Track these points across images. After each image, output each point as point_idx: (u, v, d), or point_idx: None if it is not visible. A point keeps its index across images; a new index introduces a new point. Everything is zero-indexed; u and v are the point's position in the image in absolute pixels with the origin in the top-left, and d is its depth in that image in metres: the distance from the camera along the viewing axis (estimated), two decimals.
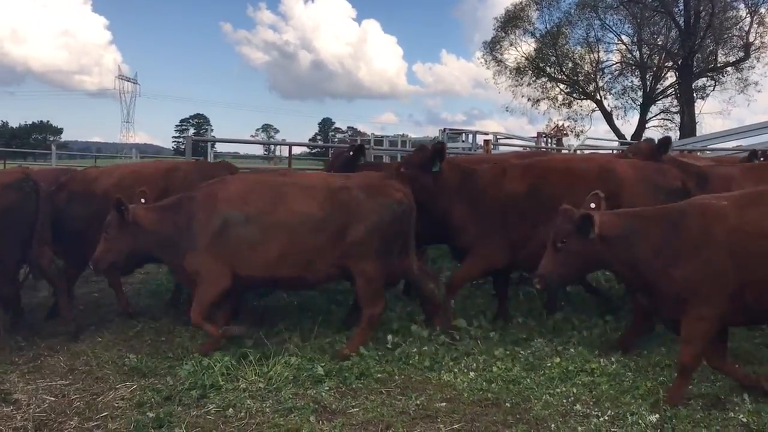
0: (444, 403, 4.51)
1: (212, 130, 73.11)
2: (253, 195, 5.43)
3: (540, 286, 4.68)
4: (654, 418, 4.23)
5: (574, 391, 4.68)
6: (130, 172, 7.08)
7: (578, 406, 4.43)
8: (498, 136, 24.00)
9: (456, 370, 5.07)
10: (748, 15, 34.26)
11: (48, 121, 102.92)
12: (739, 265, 4.17)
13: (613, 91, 39.43)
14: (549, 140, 28.87)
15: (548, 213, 5.25)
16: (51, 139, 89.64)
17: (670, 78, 38.24)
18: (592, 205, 4.63)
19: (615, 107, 39.42)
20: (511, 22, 39.12)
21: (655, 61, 37.82)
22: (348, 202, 5.34)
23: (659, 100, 39.10)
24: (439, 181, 5.96)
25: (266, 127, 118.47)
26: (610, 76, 39.50)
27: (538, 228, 5.50)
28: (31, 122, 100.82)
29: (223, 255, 5.28)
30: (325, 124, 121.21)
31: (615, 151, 19.80)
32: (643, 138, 34.91)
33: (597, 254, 4.45)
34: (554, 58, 38.73)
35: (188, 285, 5.67)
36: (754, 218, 4.22)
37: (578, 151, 17.42)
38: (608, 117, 39.07)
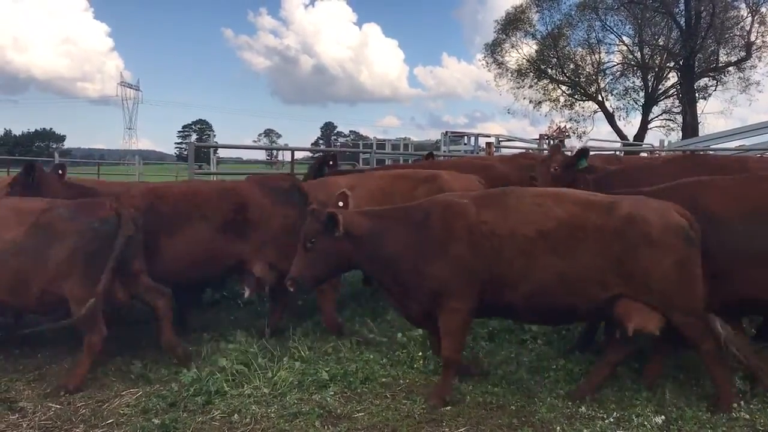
0: (449, 407, 4.50)
1: (215, 135, 73.34)
2: None
3: (291, 288, 4.72)
4: (659, 419, 4.22)
5: None
6: None
7: (583, 409, 4.42)
8: (500, 139, 24.04)
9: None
10: (749, 14, 34.32)
11: (51, 129, 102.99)
12: (481, 263, 4.35)
13: (614, 92, 39.51)
14: (551, 142, 28.89)
15: (170, 231, 5.63)
16: (54, 146, 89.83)
17: (672, 78, 38.27)
18: (340, 204, 4.76)
19: (617, 108, 39.49)
20: (511, 24, 39.14)
21: (657, 62, 37.79)
22: (48, 224, 5.05)
23: (661, 100, 39.08)
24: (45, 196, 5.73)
25: (268, 132, 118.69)
26: (611, 77, 39.56)
27: (160, 244, 5.63)
28: (33, 130, 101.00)
29: None
30: (328, 129, 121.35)
31: (618, 153, 19.81)
32: (644, 139, 35.14)
33: (345, 253, 4.55)
34: (555, 59, 38.73)
35: None
36: (489, 218, 4.40)
37: None
38: (610, 118, 39.05)
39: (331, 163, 8.06)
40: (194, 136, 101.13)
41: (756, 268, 4.41)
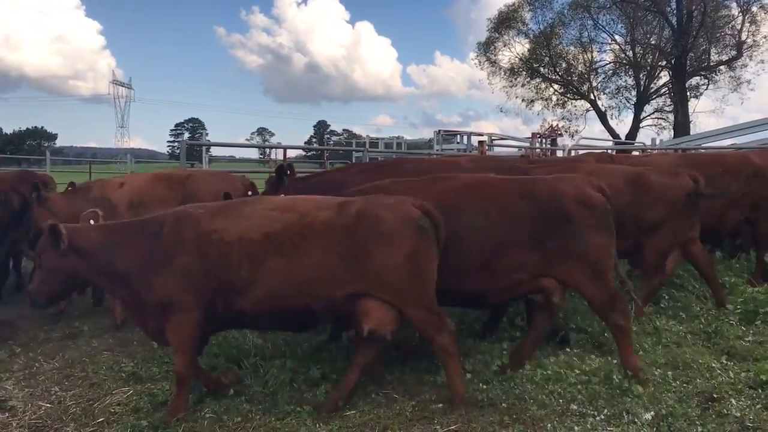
0: (440, 404, 4.51)
1: (207, 134, 73.19)
2: None
3: (30, 304, 4.62)
4: (649, 416, 4.24)
5: (570, 390, 4.67)
6: None
7: (574, 406, 4.43)
8: (493, 137, 24.10)
9: None
10: (740, 14, 34.36)
11: (42, 127, 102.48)
12: (208, 271, 4.27)
13: (606, 91, 39.51)
14: (544, 141, 28.98)
15: None
16: (45, 145, 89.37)
17: (664, 77, 38.32)
18: (91, 222, 4.68)
19: (609, 107, 39.49)
20: (504, 23, 39.15)
21: (649, 61, 37.89)
22: None
23: (653, 99, 39.17)
24: None
25: (261, 131, 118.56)
26: (603, 75, 39.58)
27: None
28: (25, 128, 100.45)
29: None
30: (321, 127, 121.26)
31: (610, 151, 19.88)
32: (637, 138, 35.26)
33: (74, 268, 4.42)
34: (548, 58, 38.76)
35: None
36: (220, 226, 4.33)
37: (572, 152, 17.43)
38: (602, 117, 39.12)
39: (288, 172, 7.98)
40: (186, 135, 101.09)
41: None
